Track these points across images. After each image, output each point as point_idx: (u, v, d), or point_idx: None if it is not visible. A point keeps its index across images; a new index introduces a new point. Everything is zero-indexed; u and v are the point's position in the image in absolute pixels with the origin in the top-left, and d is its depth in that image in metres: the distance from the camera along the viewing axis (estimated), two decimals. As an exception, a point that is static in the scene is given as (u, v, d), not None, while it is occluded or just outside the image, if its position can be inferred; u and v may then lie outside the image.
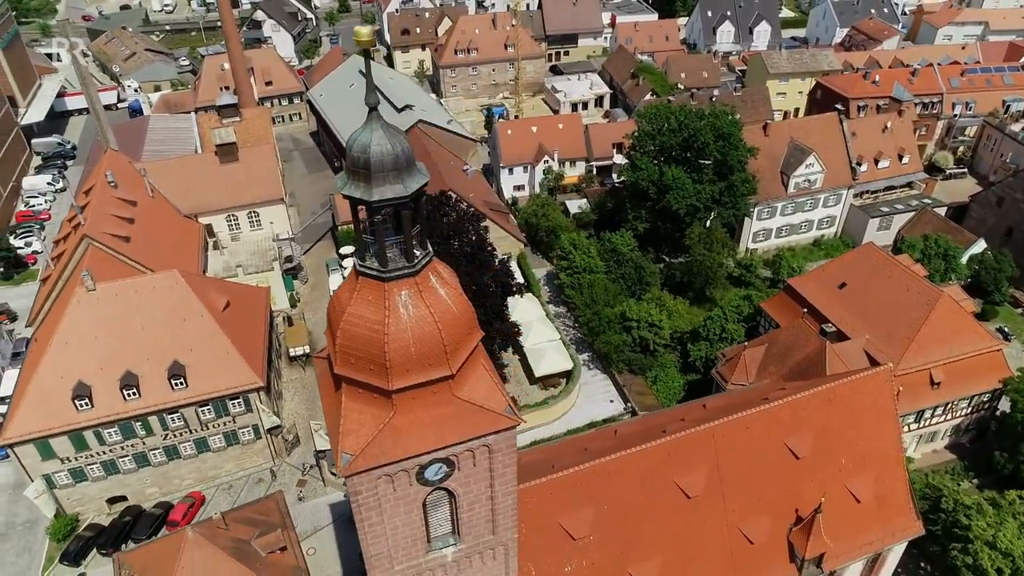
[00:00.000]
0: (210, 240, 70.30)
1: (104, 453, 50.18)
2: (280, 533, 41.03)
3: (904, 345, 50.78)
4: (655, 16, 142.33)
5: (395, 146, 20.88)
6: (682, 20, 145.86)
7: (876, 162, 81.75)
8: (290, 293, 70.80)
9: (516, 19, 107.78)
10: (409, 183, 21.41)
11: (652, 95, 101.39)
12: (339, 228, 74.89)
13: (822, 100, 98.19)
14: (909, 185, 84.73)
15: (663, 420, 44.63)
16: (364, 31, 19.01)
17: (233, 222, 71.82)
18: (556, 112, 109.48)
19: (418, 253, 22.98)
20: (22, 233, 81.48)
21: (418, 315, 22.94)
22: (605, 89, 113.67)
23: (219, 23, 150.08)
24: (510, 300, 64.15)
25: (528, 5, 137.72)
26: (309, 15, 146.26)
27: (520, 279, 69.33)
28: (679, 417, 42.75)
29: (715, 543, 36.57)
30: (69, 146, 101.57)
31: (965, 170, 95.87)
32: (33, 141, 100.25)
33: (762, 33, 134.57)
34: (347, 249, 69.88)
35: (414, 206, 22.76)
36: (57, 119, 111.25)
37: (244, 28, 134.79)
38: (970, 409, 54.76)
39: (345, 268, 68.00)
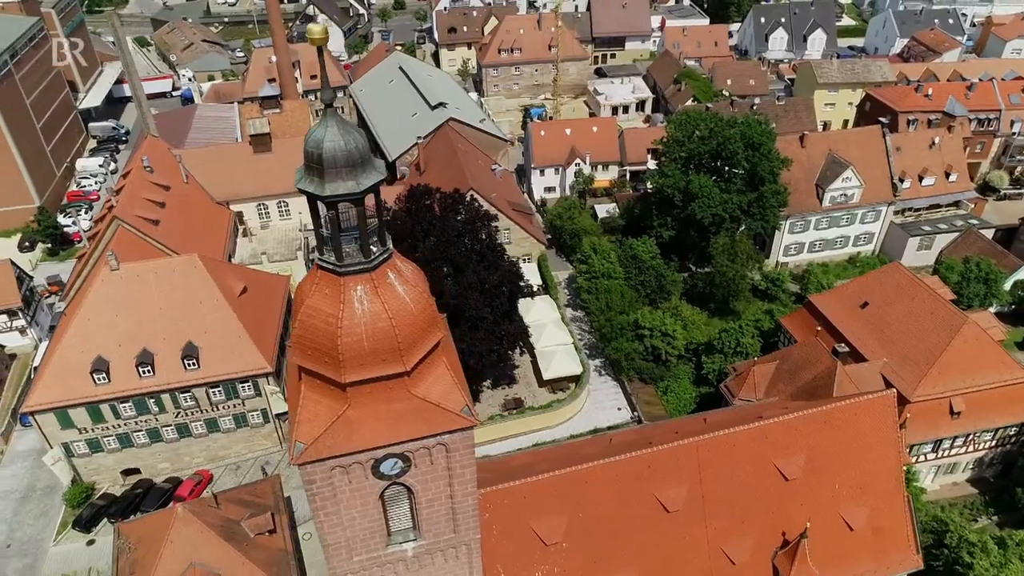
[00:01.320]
0: (240, 227, 72.34)
1: (119, 426, 52.24)
2: (270, 516, 41.97)
3: (922, 371, 48.72)
4: (706, 21, 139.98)
5: (348, 143, 21.13)
6: (735, 26, 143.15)
7: (920, 179, 78.57)
8: (314, 283, 72.14)
9: (557, 19, 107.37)
10: (362, 180, 21.63)
11: (693, 101, 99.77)
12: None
13: (871, 112, 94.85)
14: (956, 204, 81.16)
15: (659, 431, 43.99)
16: (316, 29, 19.30)
17: (263, 211, 73.77)
18: (594, 115, 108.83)
19: (375, 249, 23.21)
20: (71, 212, 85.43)
21: (372, 310, 23.16)
22: (647, 93, 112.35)
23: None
24: (526, 301, 64.26)
25: (577, 6, 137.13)
26: (361, 11, 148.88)
27: (538, 280, 69.52)
28: (675, 429, 42.06)
29: (694, 560, 35.85)
30: (123, 131, 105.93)
31: (1022, 191, 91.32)
32: (90, 125, 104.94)
33: (817, 41, 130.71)
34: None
35: (375, 202, 23.16)
36: (115, 104, 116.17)
37: (297, 22, 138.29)
38: (994, 442, 52.17)
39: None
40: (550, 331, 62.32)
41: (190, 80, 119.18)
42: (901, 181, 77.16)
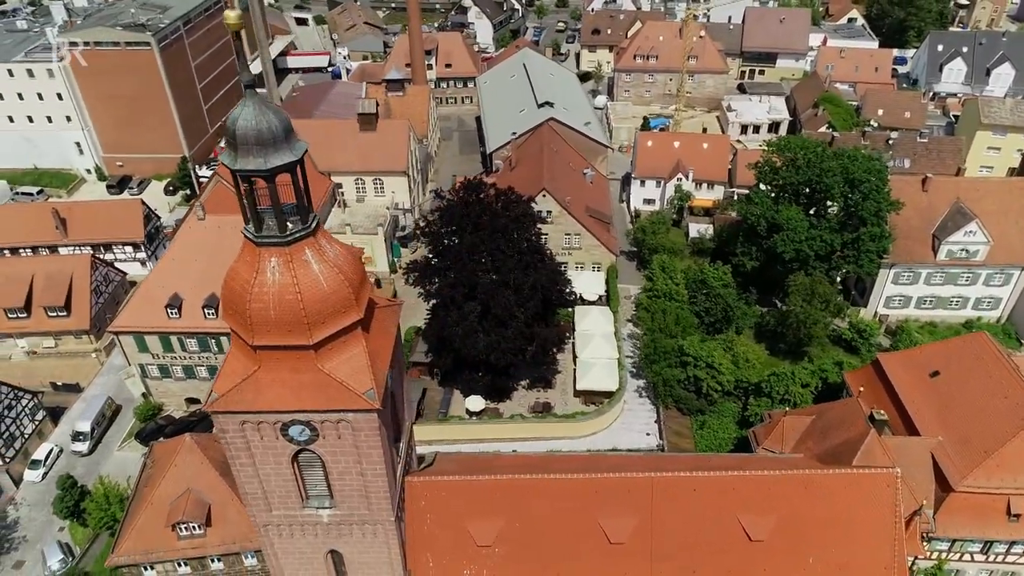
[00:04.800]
0: (337, 198, 77.54)
1: (185, 358, 58.50)
2: (269, 463, 45.22)
3: (978, 459, 42.58)
4: (875, 44, 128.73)
5: (260, 123, 22.72)
6: (909, 52, 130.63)
7: (1071, 245, 67.90)
8: (396, 259, 75.96)
9: (699, 30, 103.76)
10: (271, 159, 23.15)
11: (828, 128, 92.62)
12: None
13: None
14: (1116, 281, 69.30)
15: (652, 462, 42.40)
16: (231, 15, 20.97)
17: (360, 185, 78.55)
18: (723, 131, 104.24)
19: (291, 226, 24.69)
20: (214, 165, 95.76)
21: (282, 282, 24.75)
22: (784, 115, 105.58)
23: (437, 5, 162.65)
24: (582, 309, 64.02)
25: (730, 18, 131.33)
26: (516, 6, 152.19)
27: (602, 290, 68.57)
28: (667, 464, 40.37)
29: (633, 598, 34.36)
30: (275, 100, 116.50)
31: None
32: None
33: (1002, 76, 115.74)
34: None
35: (302, 182, 24.67)
36: (280, 74, 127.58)
37: (452, 12, 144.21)
38: (1068, 560, 44.61)
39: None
40: (597, 343, 61.25)
41: (344, 58, 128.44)
42: (1044, 244, 67.14)
